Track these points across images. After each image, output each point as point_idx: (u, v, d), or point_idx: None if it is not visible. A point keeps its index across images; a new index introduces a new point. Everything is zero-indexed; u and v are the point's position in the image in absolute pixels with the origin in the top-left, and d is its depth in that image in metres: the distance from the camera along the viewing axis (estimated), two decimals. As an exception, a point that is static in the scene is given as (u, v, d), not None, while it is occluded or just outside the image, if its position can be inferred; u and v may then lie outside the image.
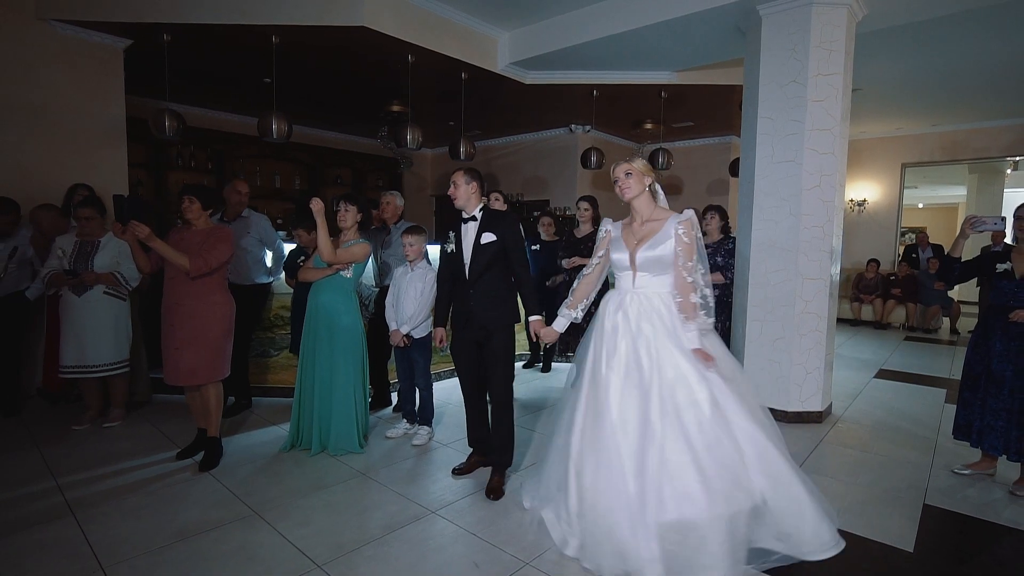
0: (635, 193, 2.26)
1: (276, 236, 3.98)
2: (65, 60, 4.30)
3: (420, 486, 2.79)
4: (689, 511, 1.93)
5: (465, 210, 2.79)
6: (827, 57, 3.68)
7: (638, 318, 2.17)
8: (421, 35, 4.52)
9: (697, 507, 1.92)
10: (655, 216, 2.26)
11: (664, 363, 2.08)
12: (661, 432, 2.00)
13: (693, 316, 2.12)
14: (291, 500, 2.62)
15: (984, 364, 2.85)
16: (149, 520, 2.40)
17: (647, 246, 2.20)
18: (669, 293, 2.19)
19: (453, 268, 2.82)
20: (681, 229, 2.16)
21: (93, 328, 3.37)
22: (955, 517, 2.56)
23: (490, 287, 2.73)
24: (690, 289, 2.14)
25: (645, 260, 2.20)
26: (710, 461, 1.97)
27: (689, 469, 1.96)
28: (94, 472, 2.88)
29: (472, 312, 2.74)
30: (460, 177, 2.77)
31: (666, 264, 2.19)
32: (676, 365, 2.07)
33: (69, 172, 4.23)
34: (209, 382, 3.00)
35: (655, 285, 2.21)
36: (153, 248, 2.83)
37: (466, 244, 2.77)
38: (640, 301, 2.20)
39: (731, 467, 1.99)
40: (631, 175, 2.25)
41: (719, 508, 1.92)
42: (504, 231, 2.73)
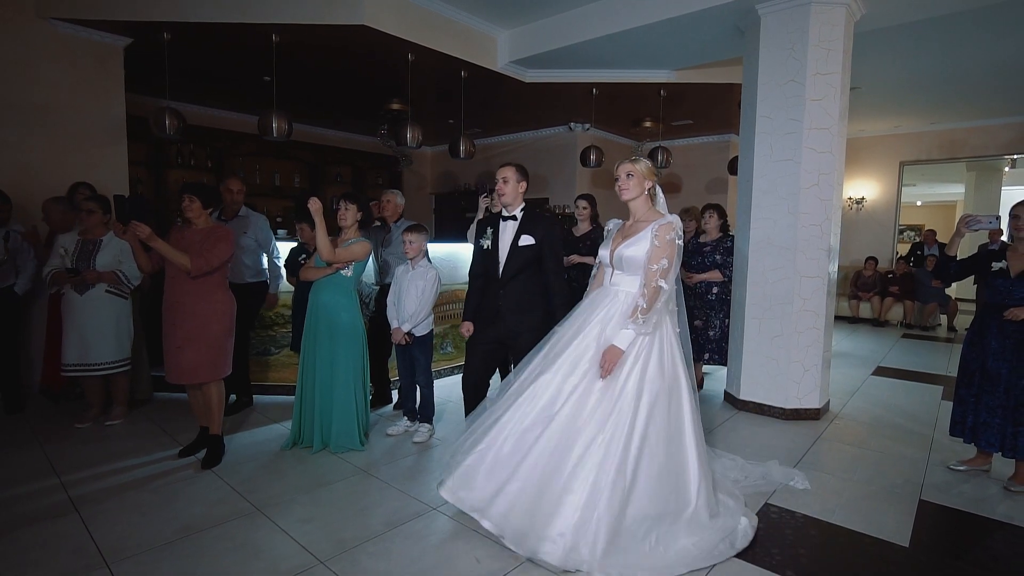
0: (633, 195, 2.31)
1: (271, 237, 3.95)
2: (65, 59, 4.31)
3: (421, 483, 2.81)
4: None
5: (507, 209, 2.76)
6: (825, 56, 3.69)
7: (599, 309, 2.26)
8: (421, 34, 4.53)
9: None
10: (645, 218, 2.32)
11: (589, 357, 2.19)
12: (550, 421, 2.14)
13: (634, 317, 2.16)
14: (293, 497, 2.64)
15: (980, 362, 2.87)
16: (153, 517, 2.42)
17: (624, 244, 2.27)
18: (640, 294, 2.24)
19: (486, 264, 2.81)
20: (655, 232, 2.21)
21: (95, 327, 3.39)
22: (950, 512, 2.58)
23: (521, 290, 2.73)
24: (651, 293, 2.18)
25: (619, 258, 2.28)
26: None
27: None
28: (97, 469, 2.90)
29: (500, 312, 2.74)
30: (512, 172, 2.71)
31: (639, 264, 2.23)
32: (592, 361, 2.19)
33: (70, 170, 4.23)
34: (210, 380, 3.01)
35: (628, 284, 2.27)
36: (154, 248, 2.84)
37: (503, 244, 2.74)
38: (608, 296, 2.29)
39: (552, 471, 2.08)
40: (632, 176, 2.30)
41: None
42: (543, 236, 2.71)
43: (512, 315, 2.73)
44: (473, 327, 2.88)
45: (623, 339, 2.15)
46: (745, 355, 4.01)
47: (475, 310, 2.90)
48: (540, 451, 2.12)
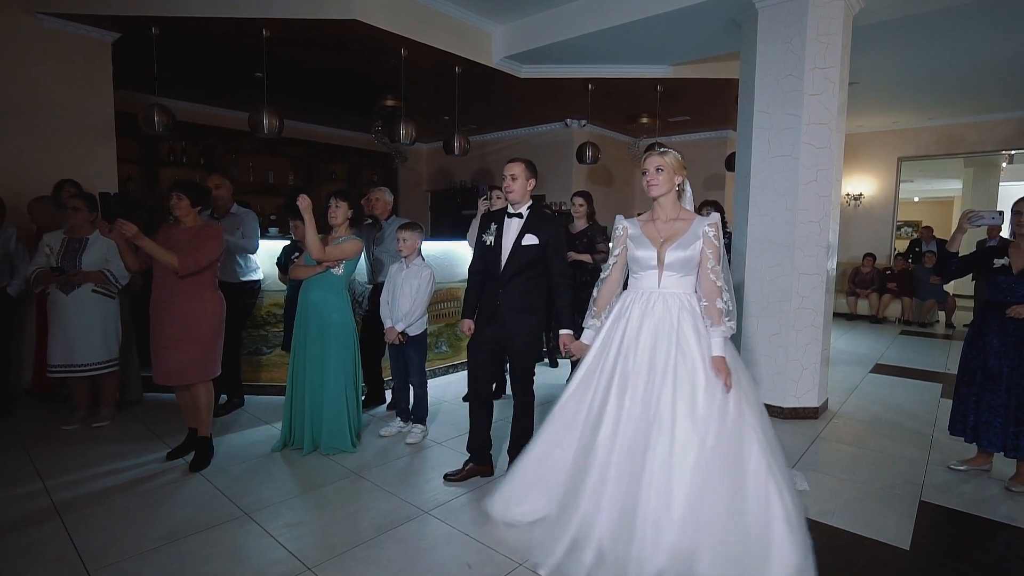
0: (664, 191, 2.14)
1: (256, 233, 3.83)
2: (52, 54, 4.23)
3: (413, 486, 2.76)
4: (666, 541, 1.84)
5: (514, 206, 2.68)
6: (824, 50, 3.64)
7: (668, 320, 2.08)
8: (414, 29, 4.46)
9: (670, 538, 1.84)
10: (681, 216, 2.17)
11: (682, 370, 2.00)
12: (655, 450, 1.92)
13: (719, 321, 2.04)
14: (283, 501, 2.59)
15: (981, 360, 2.83)
16: (138, 522, 2.37)
17: (676, 245, 2.10)
18: (692, 294, 2.13)
19: (487, 261, 2.74)
20: (711, 232, 2.09)
21: (81, 327, 3.32)
22: (951, 513, 2.54)
23: (522, 289, 2.66)
24: (717, 293, 2.06)
25: (675, 260, 2.10)
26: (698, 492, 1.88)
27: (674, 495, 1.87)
28: (83, 473, 2.84)
29: (498, 312, 2.67)
30: (521, 169, 2.62)
31: (693, 265, 2.11)
32: (694, 373, 1.99)
33: (57, 168, 4.15)
34: (199, 381, 2.96)
35: (680, 285, 2.13)
36: (141, 247, 2.78)
37: (506, 242, 2.67)
38: (668, 301, 2.12)
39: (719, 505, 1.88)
40: (662, 171, 2.12)
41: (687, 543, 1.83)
42: (548, 236, 2.64)
43: (511, 315, 2.66)
44: (475, 324, 2.82)
45: (721, 347, 2.01)
46: (743, 353, 3.95)
47: (475, 307, 2.84)
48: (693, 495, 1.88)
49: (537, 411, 2.82)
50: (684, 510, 1.86)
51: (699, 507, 1.87)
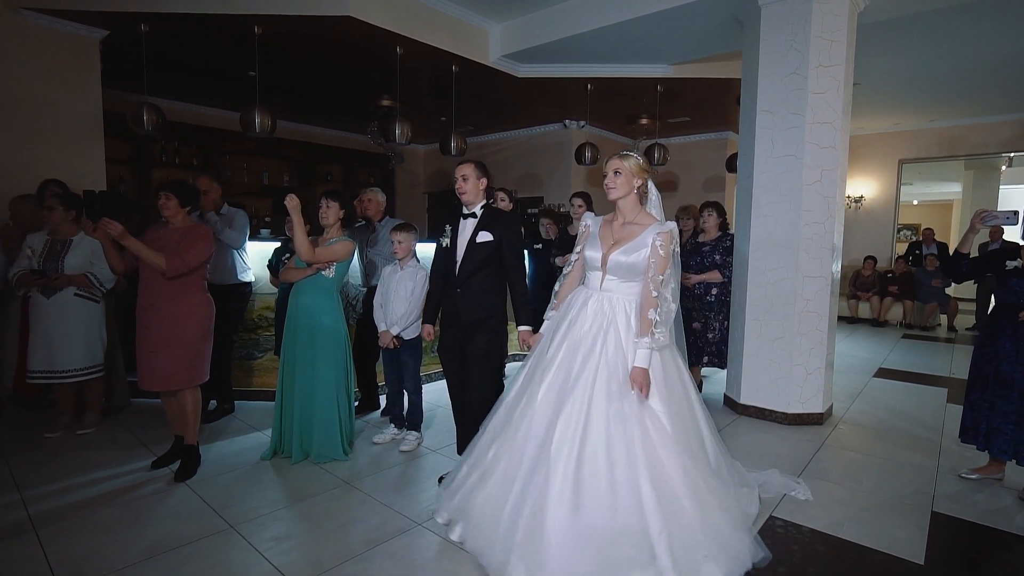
0: (621, 194, 2.18)
1: (243, 233, 3.71)
2: (38, 51, 4.13)
3: (407, 496, 2.66)
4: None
5: (468, 206, 2.67)
6: (828, 48, 3.56)
7: (596, 319, 2.11)
8: (409, 26, 4.38)
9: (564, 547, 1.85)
10: (638, 220, 2.18)
11: (599, 375, 2.02)
12: (556, 449, 1.95)
13: (646, 332, 2.03)
14: (270, 512, 2.49)
15: (993, 365, 2.74)
16: (117, 536, 2.27)
17: (621, 250, 2.14)
18: (634, 300, 2.13)
19: (446, 264, 2.72)
20: (659, 240, 2.09)
21: (63, 332, 3.21)
22: (965, 525, 2.45)
23: (479, 288, 2.62)
24: (652, 304, 2.06)
25: (616, 264, 2.14)
26: (591, 498, 1.90)
27: (565, 498, 1.89)
28: (63, 483, 2.73)
29: (457, 313, 2.65)
30: (471, 170, 2.64)
31: (637, 272, 2.12)
32: (609, 381, 2.01)
33: (43, 168, 4.04)
34: (186, 387, 2.85)
35: (622, 290, 2.15)
36: (127, 247, 2.69)
37: (461, 241, 2.66)
38: (602, 303, 2.14)
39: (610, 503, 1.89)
40: (620, 174, 2.16)
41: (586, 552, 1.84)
42: (502, 232, 2.61)
43: (468, 315, 2.62)
44: (436, 331, 2.80)
45: (644, 358, 2.01)
46: (745, 358, 3.88)
47: (436, 312, 2.82)
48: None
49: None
50: (557, 512, 1.88)
51: (574, 510, 1.88)
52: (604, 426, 1.95)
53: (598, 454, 1.92)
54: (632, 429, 1.95)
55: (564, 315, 2.24)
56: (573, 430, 1.96)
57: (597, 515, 1.87)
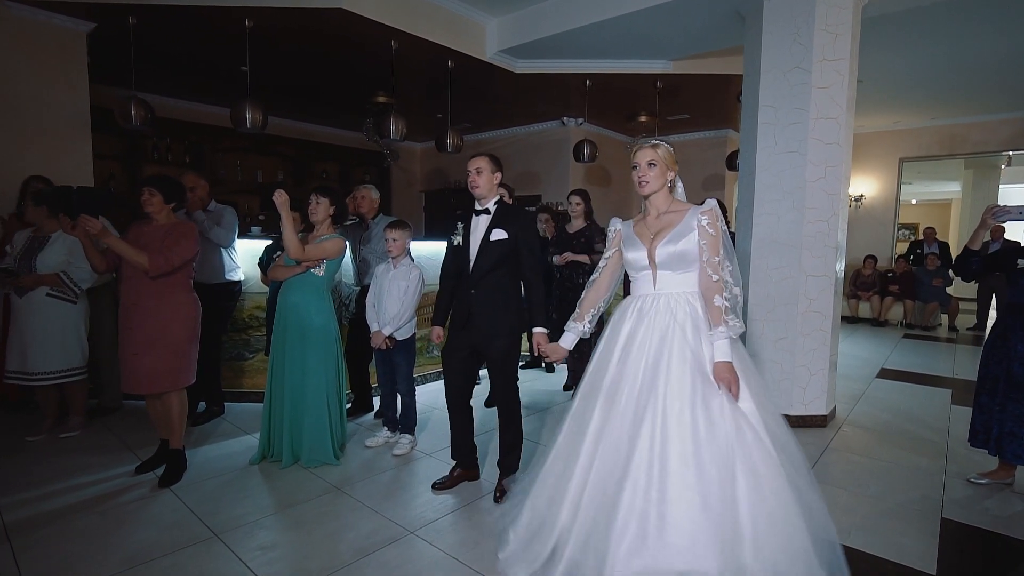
0: (655, 187, 1.94)
1: (232, 230, 3.61)
2: (23, 44, 4.02)
3: (399, 502, 2.57)
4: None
5: (480, 202, 2.56)
6: (832, 42, 3.48)
7: (665, 325, 1.87)
8: (403, 19, 4.29)
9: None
10: (672, 208, 1.97)
11: (679, 385, 1.79)
12: (648, 466, 1.74)
13: (719, 321, 1.81)
14: (257, 520, 2.39)
15: (1004, 366, 2.66)
16: (95, 545, 2.17)
17: (667, 240, 1.89)
18: (696, 293, 1.91)
19: (458, 263, 2.60)
20: (705, 220, 1.86)
21: (35, 333, 3.10)
22: (976, 533, 2.37)
23: (494, 289, 2.51)
24: (716, 289, 1.83)
25: (667, 256, 1.89)
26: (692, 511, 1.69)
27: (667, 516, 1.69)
28: (42, 489, 2.63)
29: (471, 314, 2.52)
30: (486, 163, 2.52)
31: (690, 260, 1.88)
32: (693, 381, 1.79)
33: (28, 164, 3.95)
34: (171, 390, 2.76)
35: (680, 284, 1.92)
36: (107, 245, 2.59)
37: (474, 239, 2.54)
38: (659, 305, 1.92)
39: (718, 523, 1.68)
40: (655, 166, 1.92)
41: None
42: (518, 230, 2.50)
43: (484, 317, 2.50)
44: (446, 333, 2.69)
45: (724, 350, 1.79)
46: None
47: (446, 313, 2.70)
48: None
49: (531, 417, 2.65)
50: (664, 531, 1.68)
51: (682, 529, 1.68)
52: (690, 439, 1.73)
53: (685, 480, 1.70)
54: (725, 438, 1.73)
55: (616, 330, 1.98)
56: (649, 457, 1.74)
57: (683, 556, 1.67)
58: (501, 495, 2.56)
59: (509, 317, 2.53)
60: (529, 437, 3.36)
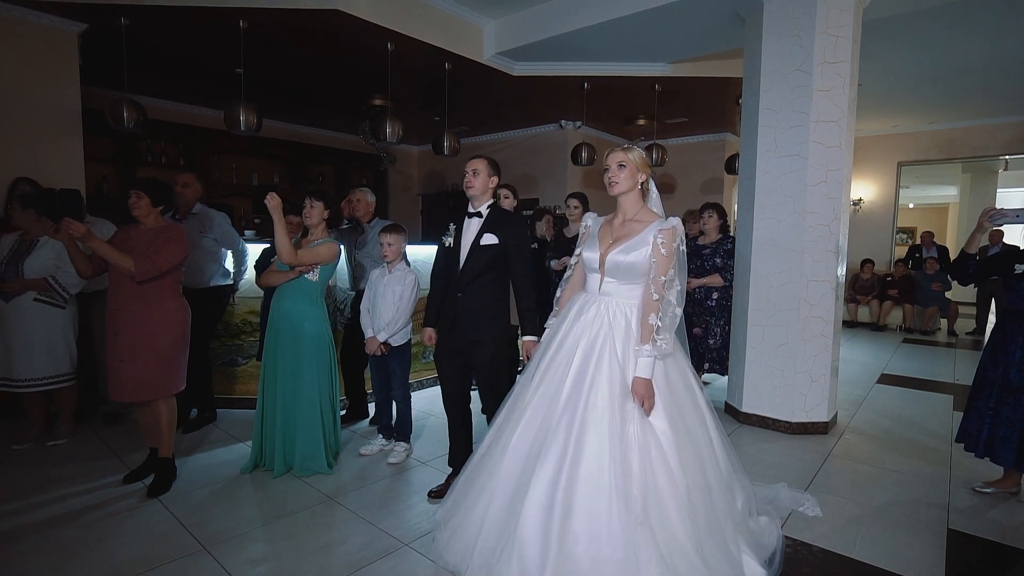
0: (624, 188, 2.00)
1: (235, 234, 3.63)
2: (12, 44, 3.95)
3: (393, 513, 2.51)
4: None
5: (473, 204, 2.52)
6: (834, 44, 3.44)
7: (593, 326, 1.95)
8: (400, 21, 4.24)
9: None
10: (639, 217, 2.01)
11: (597, 388, 1.85)
12: (541, 473, 1.81)
13: (647, 339, 1.86)
14: (247, 531, 2.33)
15: (1001, 371, 2.61)
16: (79, 559, 2.10)
17: (620, 249, 1.96)
18: (635, 304, 1.96)
19: (448, 265, 2.56)
20: (660, 238, 1.90)
21: (22, 338, 3.03)
22: (984, 544, 2.32)
23: (482, 294, 2.47)
24: (653, 308, 1.89)
25: (614, 265, 1.96)
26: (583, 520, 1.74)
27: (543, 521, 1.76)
28: (25, 500, 2.56)
29: (457, 318, 2.48)
30: (483, 165, 2.50)
31: (638, 273, 1.94)
32: (610, 395, 1.84)
33: (17, 166, 3.87)
34: (159, 398, 2.69)
35: (623, 293, 1.98)
36: (92, 249, 2.52)
37: (464, 242, 2.50)
38: (600, 309, 1.98)
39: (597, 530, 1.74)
40: (624, 167, 1.99)
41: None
42: (509, 235, 2.46)
43: (470, 322, 2.47)
44: (436, 335, 2.65)
45: (645, 367, 1.84)
46: (748, 365, 3.74)
47: (438, 315, 2.66)
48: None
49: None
50: (571, 521, 1.73)
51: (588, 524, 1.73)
52: (600, 447, 1.77)
53: (592, 478, 1.75)
54: (631, 451, 1.78)
55: (560, 323, 2.08)
56: (562, 452, 1.80)
57: (584, 544, 1.72)
58: None
59: (494, 323, 2.49)
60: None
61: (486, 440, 2.09)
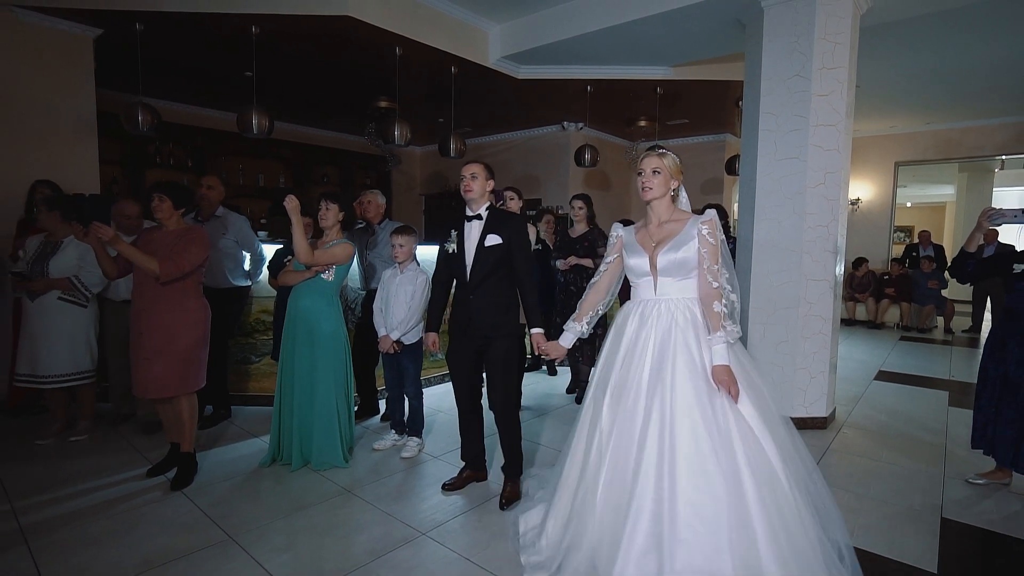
0: (658, 194, 2.02)
1: (254, 237, 3.76)
2: (30, 50, 4.05)
3: (409, 504, 2.61)
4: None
5: (471, 207, 2.60)
6: (832, 50, 3.54)
7: (666, 328, 1.95)
8: (409, 26, 4.33)
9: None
10: (674, 217, 2.05)
11: (683, 386, 1.85)
12: (657, 471, 1.79)
13: (717, 327, 1.88)
14: (269, 522, 2.42)
15: (1001, 370, 2.71)
16: (111, 548, 2.20)
17: (668, 248, 1.97)
18: (695, 299, 1.99)
19: (452, 270, 2.63)
20: (705, 229, 1.94)
21: (46, 336, 3.12)
22: (976, 532, 2.42)
23: (492, 293, 2.55)
24: (715, 296, 1.91)
25: (668, 263, 1.97)
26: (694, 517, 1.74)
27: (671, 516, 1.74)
28: (55, 493, 2.65)
29: (471, 319, 2.56)
30: (481, 169, 2.57)
31: (690, 267, 1.97)
32: (694, 385, 1.85)
33: (35, 169, 3.97)
34: (181, 394, 2.78)
35: (680, 290, 2.00)
36: (119, 251, 2.62)
37: (468, 245, 2.57)
38: (667, 309, 1.99)
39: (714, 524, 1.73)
40: (659, 173, 2.00)
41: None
42: (511, 235, 2.54)
43: (484, 321, 2.55)
44: (440, 339, 2.73)
45: (722, 354, 1.85)
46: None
47: (440, 320, 2.74)
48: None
49: (533, 420, 2.67)
50: (676, 530, 1.73)
51: (695, 529, 1.72)
52: (697, 439, 1.78)
53: (694, 477, 1.76)
54: (729, 441, 1.79)
55: (620, 333, 2.05)
56: (658, 456, 1.79)
57: (697, 553, 1.71)
58: (507, 503, 2.57)
59: (506, 320, 2.57)
60: (531, 438, 3.41)
61: (568, 467, 2.08)
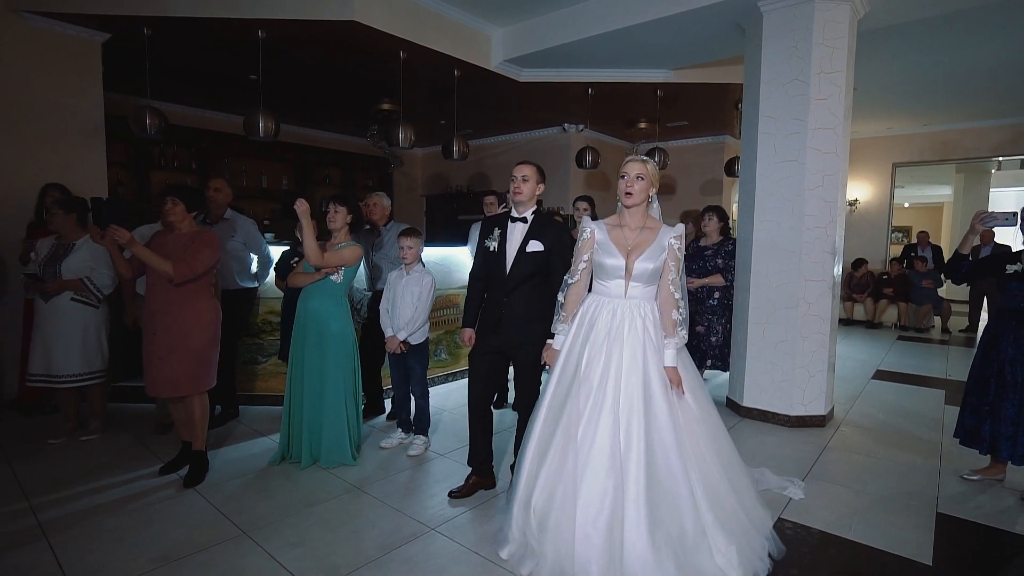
0: (639, 200, 2.13)
1: (262, 240, 3.81)
2: (39, 54, 4.10)
3: (417, 500, 2.67)
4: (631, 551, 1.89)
5: (518, 209, 2.61)
6: (830, 55, 3.61)
7: (633, 328, 2.11)
8: (413, 31, 4.39)
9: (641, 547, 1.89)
10: (648, 224, 2.17)
11: (650, 380, 2.06)
12: (624, 462, 1.97)
13: (673, 333, 2.11)
14: (282, 518, 2.48)
15: (995, 368, 2.78)
16: (128, 543, 2.26)
17: (644, 257, 2.11)
18: (652, 303, 2.16)
19: (490, 269, 2.65)
20: (676, 243, 2.13)
21: (59, 336, 3.18)
22: (970, 526, 2.49)
23: (527, 298, 2.57)
24: (674, 305, 2.13)
25: (642, 271, 2.11)
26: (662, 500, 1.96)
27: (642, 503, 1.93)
28: (70, 490, 2.71)
29: (502, 321, 2.58)
30: (533, 172, 2.57)
31: (657, 276, 2.15)
32: (654, 383, 2.06)
33: (43, 172, 4.02)
34: (193, 394, 2.84)
35: (644, 295, 2.16)
36: (135, 254, 2.68)
37: (510, 248, 2.58)
38: (634, 310, 2.13)
39: (678, 505, 1.96)
40: (642, 179, 2.11)
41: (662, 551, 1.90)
42: (553, 242, 2.56)
43: (516, 325, 2.58)
44: (476, 335, 2.73)
45: (674, 358, 2.10)
46: (748, 361, 3.91)
47: (476, 316, 2.74)
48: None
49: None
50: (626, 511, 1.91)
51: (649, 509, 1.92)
52: (668, 434, 2.00)
53: (668, 461, 1.98)
54: (684, 432, 2.06)
55: (589, 327, 2.16)
56: (637, 442, 1.97)
57: (670, 523, 1.92)
58: None
59: (540, 325, 2.54)
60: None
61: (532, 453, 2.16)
